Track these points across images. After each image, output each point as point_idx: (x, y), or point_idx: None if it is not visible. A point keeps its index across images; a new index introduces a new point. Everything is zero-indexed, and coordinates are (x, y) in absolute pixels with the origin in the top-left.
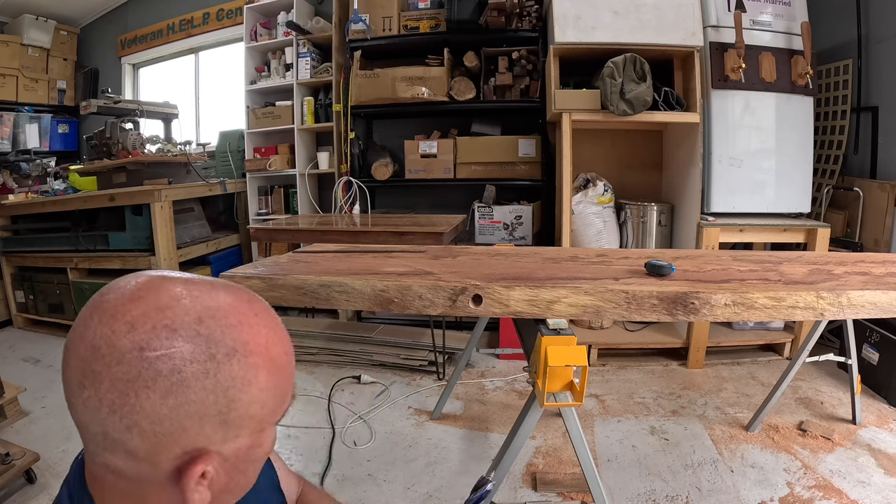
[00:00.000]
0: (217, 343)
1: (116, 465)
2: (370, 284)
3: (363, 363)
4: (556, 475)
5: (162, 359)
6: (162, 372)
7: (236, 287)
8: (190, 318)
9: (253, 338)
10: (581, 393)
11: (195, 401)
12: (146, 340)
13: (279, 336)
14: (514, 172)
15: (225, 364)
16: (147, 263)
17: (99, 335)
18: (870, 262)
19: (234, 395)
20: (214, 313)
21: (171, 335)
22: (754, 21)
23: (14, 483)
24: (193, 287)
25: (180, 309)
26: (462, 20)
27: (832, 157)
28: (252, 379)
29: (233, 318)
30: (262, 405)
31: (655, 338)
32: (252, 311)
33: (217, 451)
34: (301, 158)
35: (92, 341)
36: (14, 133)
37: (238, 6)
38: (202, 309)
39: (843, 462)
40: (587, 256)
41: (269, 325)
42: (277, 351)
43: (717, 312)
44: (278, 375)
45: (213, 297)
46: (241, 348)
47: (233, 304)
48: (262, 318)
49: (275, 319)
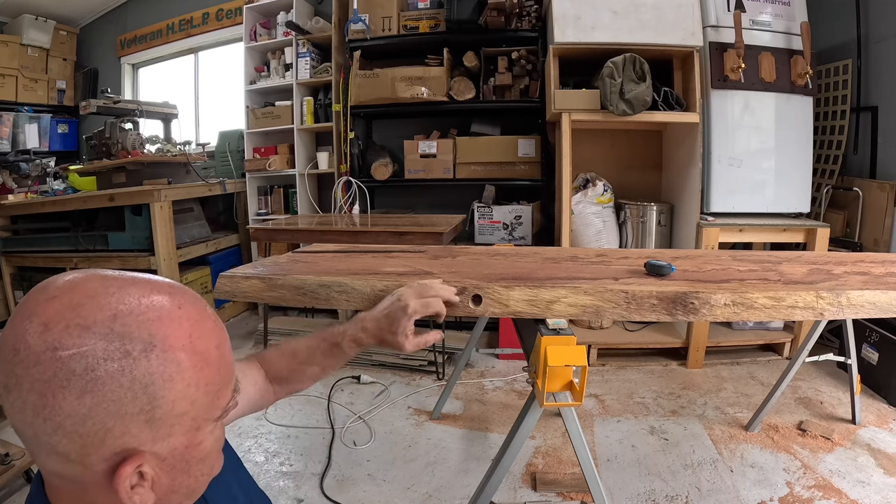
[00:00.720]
0: (133, 339)
1: (54, 469)
2: (370, 284)
3: (363, 363)
4: (556, 475)
5: (75, 357)
6: (76, 371)
7: (160, 281)
8: (104, 315)
9: (174, 332)
10: (581, 393)
11: (114, 399)
12: (59, 340)
13: (207, 328)
14: (514, 172)
15: (142, 360)
16: (147, 263)
17: (17, 336)
18: (869, 262)
19: (155, 392)
20: (131, 309)
21: (84, 333)
22: (754, 21)
23: (14, 483)
24: (111, 283)
25: (94, 306)
26: (462, 20)
27: (832, 156)
28: (174, 374)
29: (151, 312)
30: (192, 402)
31: (655, 338)
32: (174, 304)
33: (150, 451)
34: (301, 158)
35: (13, 343)
36: (13, 133)
37: (238, 6)
38: (117, 305)
39: (843, 462)
40: (587, 256)
41: (195, 318)
42: (205, 344)
43: (717, 312)
44: (207, 370)
45: (129, 292)
46: (159, 343)
47: (152, 299)
48: (185, 311)
49: (202, 311)
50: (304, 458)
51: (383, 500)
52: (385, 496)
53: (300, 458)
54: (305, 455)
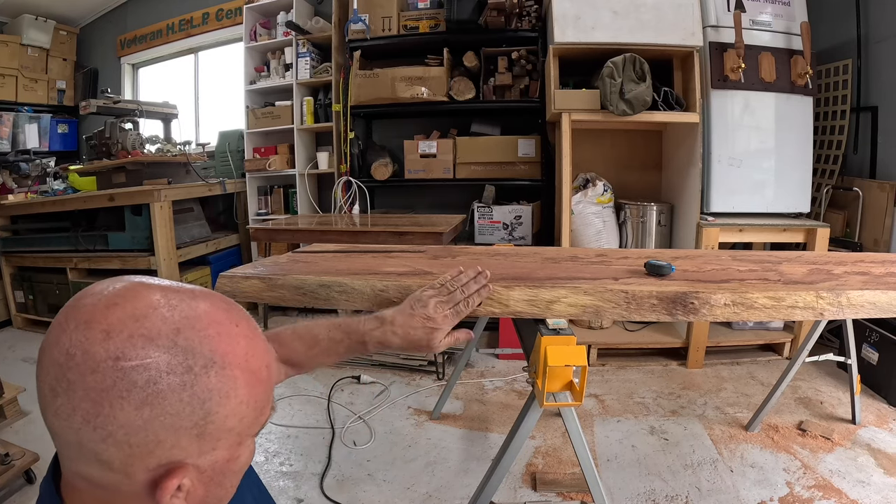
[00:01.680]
0: (195, 354)
1: (90, 475)
2: (370, 284)
3: (363, 363)
4: (556, 475)
5: (137, 369)
6: (137, 383)
7: (216, 296)
8: (167, 329)
9: (232, 349)
10: (581, 393)
11: (171, 413)
12: (122, 350)
13: (260, 348)
14: (514, 172)
15: (202, 376)
16: (147, 264)
17: (74, 341)
18: (869, 262)
19: (210, 408)
20: (193, 324)
21: (148, 345)
22: (754, 21)
23: (14, 483)
24: (172, 295)
25: (158, 318)
26: (461, 20)
27: (832, 156)
28: (230, 392)
29: (212, 329)
30: (241, 418)
31: (655, 338)
32: (232, 322)
33: (194, 463)
34: (300, 158)
35: (67, 348)
36: (13, 133)
37: (238, 6)
38: (180, 319)
39: (843, 462)
40: (587, 256)
41: (250, 336)
42: (257, 363)
43: (717, 312)
44: (258, 388)
45: (191, 306)
46: (219, 360)
47: (212, 315)
48: (242, 329)
49: (255, 330)
50: (303, 458)
51: (383, 500)
52: (385, 496)
53: (300, 458)
54: (305, 455)
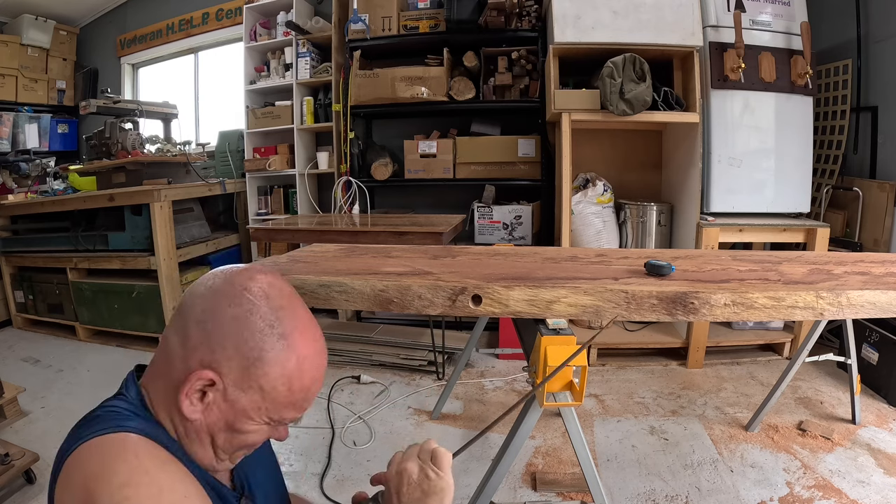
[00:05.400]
0: (281, 324)
1: (172, 342)
2: (370, 284)
3: (363, 363)
4: (556, 475)
5: (249, 299)
6: (242, 304)
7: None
8: (278, 303)
9: (301, 348)
10: (581, 393)
11: (244, 336)
12: (250, 287)
13: (318, 365)
14: (514, 172)
15: (272, 337)
16: (146, 263)
17: (234, 273)
18: (869, 262)
19: (261, 356)
20: (292, 316)
21: (263, 298)
22: (754, 21)
23: (14, 483)
24: (296, 297)
25: (277, 295)
26: (461, 20)
27: (832, 156)
28: (280, 361)
29: (300, 328)
30: (273, 388)
31: (655, 338)
32: (311, 337)
33: (227, 385)
34: (300, 158)
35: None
36: (13, 133)
37: (237, 6)
38: (289, 306)
39: (843, 462)
40: (586, 256)
41: (317, 352)
42: (310, 369)
43: (717, 312)
44: (297, 383)
45: (299, 308)
46: (289, 340)
47: (305, 323)
48: (318, 346)
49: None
50: (303, 458)
51: None
52: None
53: (300, 458)
54: (305, 455)
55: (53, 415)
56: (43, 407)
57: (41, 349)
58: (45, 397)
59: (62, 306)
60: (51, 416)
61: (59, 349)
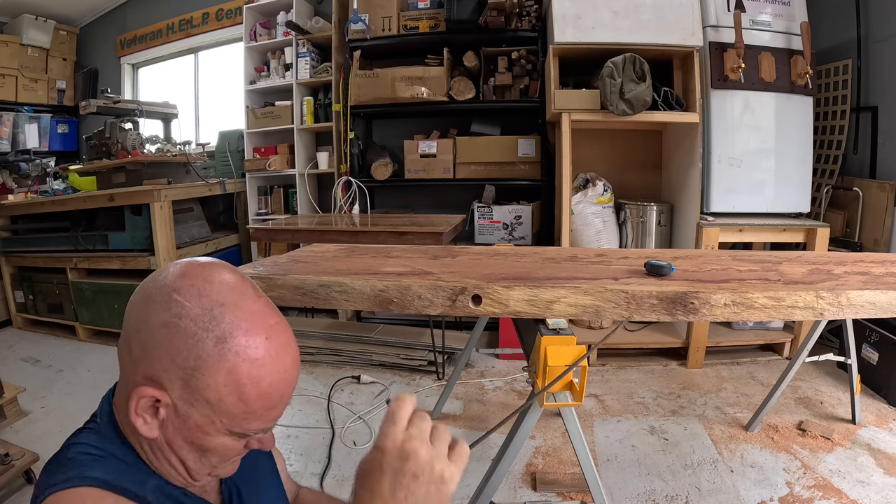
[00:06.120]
0: (217, 326)
1: (122, 353)
2: (370, 284)
3: (363, 363)
4: (556, 475)
5: (177, 303)
6: (171, 309)
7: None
8: (216, 298)
9: (248, 349)
10: (580, 393)
11: (175, 345)
12: (180, 288)
13: (278, 367)
14: (514, 172)
15: (207, 341)
16: (146, 263)
17: (166, 271)
18: (869, 262)
19: (199, 366)
20: (235, 309)
21: (195, 297)
22: (754, 21)
23: (14, 483)
24: (244, 286)
25: (216, 288)
26: (461, 20)
27: (832, 156)
28: (220, 369)
29: (246, 323)
30: (220, 399)
31: (655, 338)
32: (266, 329)
33: (174, 400)
34: (300, 158)
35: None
36: (13, 133)
37: (237, 6)
38: (230, 300)
39: (843, 462)
40: (586, 256)
41: (274, 354)
42: (263, 374)
43: (717, 312)
44: (251, 391)
45: (246, 299)
46: (230, 343)
47: (257, 315)
48: (272, 343)
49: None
50: (304, 458)
51: None
52: None
53: (300, 458)
54: (305, 455)
55: (53, 415)
56: (43, 407)
57: (41, 349)
58: (45, 397)
59: (62, 306)
60: (51, 416)
61: (59, 349)
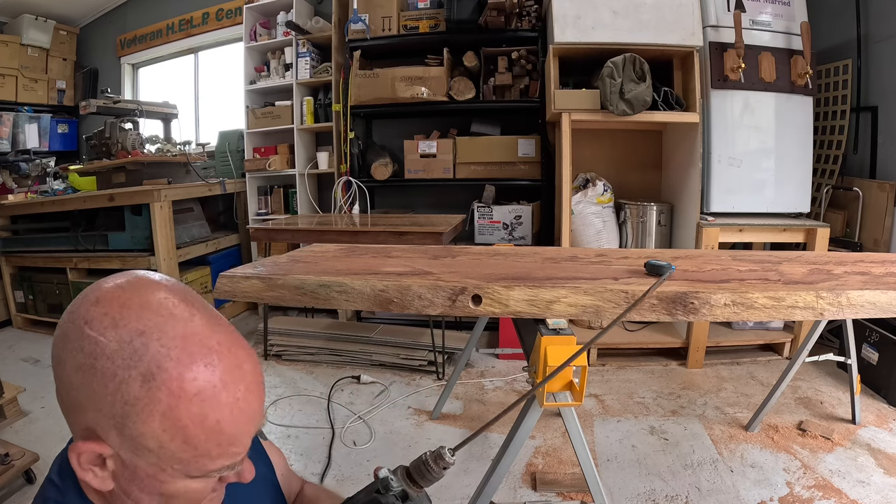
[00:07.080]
0: (141, 361)
1: (59, 403)
2: (370, 284)
3: (363, 363)
4: (556, 475)
5: (90, 339)
6: (84, 349)
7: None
8: (135, 326)
9: (182, 378)
10: (581, 393)
11: (96, 391)
12: (93, 319)
13: (223, 400)
14: (514, 172)
15: (132, 382)
16: (146, 263)
17: (79, 300)
18: (869, 262)
19: (129, 413)
20: (161, 336)
21: (110, 328)
22: (754, 21)
23: (14, 483)
24: (171, 304)
25: (135, 314)
26: (461, 20)
27: (832, 156)
28: (153, 412)
29: (176, 352)
30: (160, 445)
31: (655, 338)
32: (210, 358)
33: (116, 450)
34: (300, 158)
35: (76, 304)
36: (13, 133)
37: (237, 6)
38: (153, 325)
39: (843, 462)
40: (586, 256)
41: (217, 385)
42: (206, 410)
43: (717, 312)
44: (196, 432)
45: (176, 320)
46: (159, 380)
47: (192, 340)
48: (211, 373)
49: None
50: (304, 458)
51: None
52: None
53: (300, 458)
54: (305, 455)
55: (53, 415)
56: (43, 407)
57: (41, 349)
58: (44, 397)
59: (62, 306)
60: (51, 416)
61: None
